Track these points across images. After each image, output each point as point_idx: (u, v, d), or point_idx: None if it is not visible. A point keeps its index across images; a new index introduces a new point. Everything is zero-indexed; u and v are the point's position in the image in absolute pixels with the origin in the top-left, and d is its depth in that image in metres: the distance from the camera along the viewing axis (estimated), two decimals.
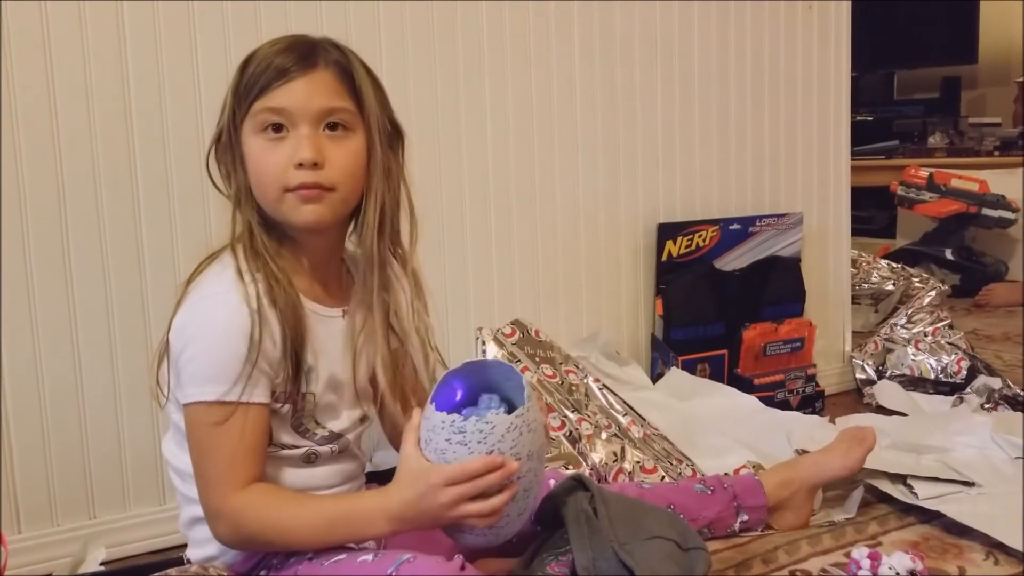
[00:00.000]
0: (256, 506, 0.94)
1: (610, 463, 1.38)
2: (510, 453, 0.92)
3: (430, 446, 0.93)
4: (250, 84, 0.95)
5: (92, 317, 1.29)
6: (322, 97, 0.95)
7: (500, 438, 0.91)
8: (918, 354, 1.99)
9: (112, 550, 1.27)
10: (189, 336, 0.93)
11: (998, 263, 3.26)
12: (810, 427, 1.66)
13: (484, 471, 0.90)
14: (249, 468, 0.94)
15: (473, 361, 1.01)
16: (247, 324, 0.92)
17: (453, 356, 1.58)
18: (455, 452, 0.91)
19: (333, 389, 1.02)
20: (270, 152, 0.95)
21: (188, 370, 0.93)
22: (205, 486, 0.95)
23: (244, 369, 0.92)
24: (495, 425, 0.91)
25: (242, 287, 0.93)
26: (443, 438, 0.92)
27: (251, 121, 0.96)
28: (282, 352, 0.95)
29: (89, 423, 1.30)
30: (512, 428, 0.92)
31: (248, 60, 0.97)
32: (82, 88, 1.26)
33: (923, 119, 4.14)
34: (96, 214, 1.28)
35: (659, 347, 1.83)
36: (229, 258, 0.97)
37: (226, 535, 0.95)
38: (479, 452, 0.91)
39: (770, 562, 1.20)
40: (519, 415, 0.93)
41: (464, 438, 0.91)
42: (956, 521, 1.27)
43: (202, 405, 0.93)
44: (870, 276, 2.50)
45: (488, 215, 1.64)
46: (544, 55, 1.67)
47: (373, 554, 0.92)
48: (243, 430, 0.93)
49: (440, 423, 0.92)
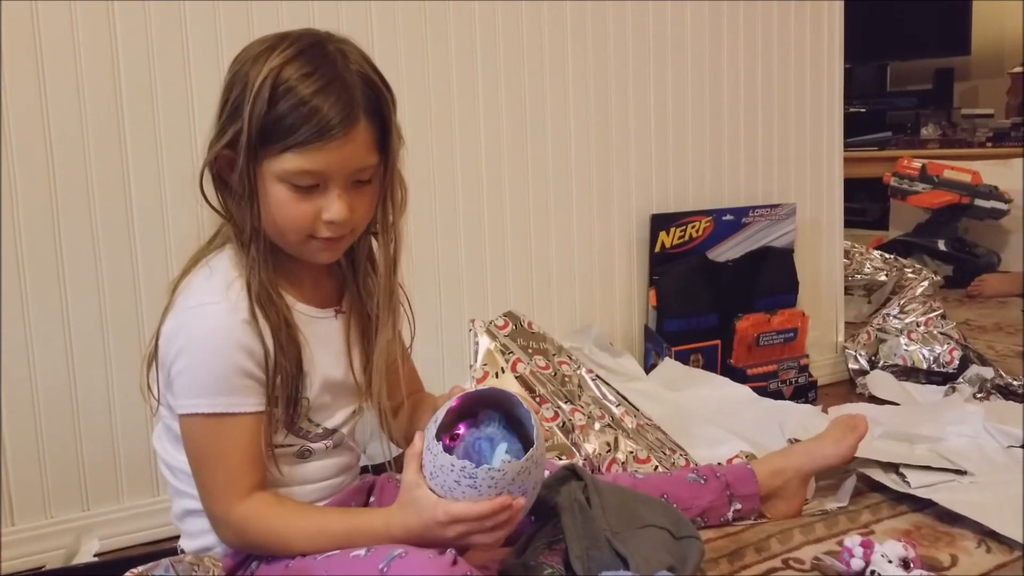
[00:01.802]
0: (260, 517, 0.94)
1: (603, 453, 1.38)
2: (517, 492, 0.92)
3: (436, 480, 0.92)
4: (283, 129, 0.89)
5: (85, 310, 1.28)
6: (359, 158, 0.93)
7: (511, 482, 0.91)
8: (911, 344, 2.00)
9: (105, 542, 1.27)
10: (179, 347, 0.92)
11: (990, 254, 3.27)
12: (803, 416, 1.66)
13: (494, 512, 0.90)
14: (251, 476, 0.94)
15: (471, 392, 0.98)
16: (238, 335, 0.91)
17: (447, 348, 1.59)
18: (463, 493, 0.90)
19: (328, 390, 1.02)
20: (297, 204, 0.92)
21: (180, 381, 0.93)
22: (207, 495, 0.95)
23: (237, 380, 0.91)
24: (506, 472, 0.90)
25: (231, 296, 0.92)
26: (452, 479, 0.90)
27: (276, 168, 0.91)
28: (275, 360, 0.94)
29: (82, 415, 1.30)
30: (523, 471, 0.92)
31: (277, 92, 0.89)
32: (73, 89, 1.25)
33: (916, 110, 4.14)
34: (88, 210, 1.28)
35: (652, 338, 1.83)
36: (217, 263, 0.96)
37: (231, 541, 0.95)
38: (488, 495, 0.90)
39: (763, 551, 1.20)
40: (529, 457, 0.92)
41: (475, 483, 0.90)
42: (948, 509, 1.28)
43: (197, 417, 0.92)
44: (863, 267, 2.50)
45: (481, 207, 1.64)
46: (537, 47, 1.67)
47: (365, 549, 0.92)
48: (241, 439, 0.93)
49: (449, 465, 0.90)
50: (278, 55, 0.90)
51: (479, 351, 1.47)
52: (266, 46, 0.92)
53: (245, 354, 0.92)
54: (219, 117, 0.94)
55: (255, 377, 0.93)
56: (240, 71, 0.92)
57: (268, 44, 0.93)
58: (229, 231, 0.97)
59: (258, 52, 0.92)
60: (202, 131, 1.31)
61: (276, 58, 0.90)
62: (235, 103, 0.91)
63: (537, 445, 0.93)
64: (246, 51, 0.94)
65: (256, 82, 0.89)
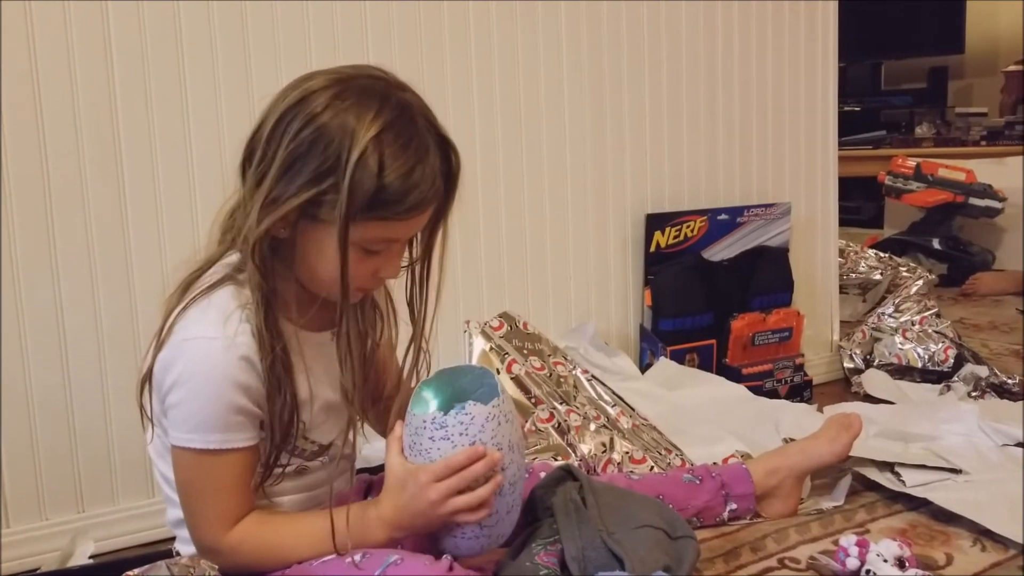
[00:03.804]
0: (251, 538, 0.94)
1: (599, 454, 1.38)
2: (491, 444, 0.95)
3: (414, 450, 0.96)
4: (383, 201, 0.87)
5: (79, 312, 1.28)
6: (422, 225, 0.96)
7: (480, 428, 0.94)
8: (905, 343, 2.00)
9: (101, 543, 1.27)
10: (175, 379, 0.90)
11: (985, 252, 3.27)
12: (798, 415, 1.66)
13: (468, 462, 0.93)
14: (240, 506, 0.94)
15: (445, 370, 1.03)
16: (234, 372, 0.90)
17: (442, 350, 1.58)
18: (439, 449, 0.94)
19: (325, 411, 1.01)
20: (361, 264, 0.92)
21: (174, 414, 0.92)
22: (196, 524, 0.95)
23: (231, 418, 0.91)
24: (474, 416, 0.94)
25: (228, 331, 0.90)
26: (426, 437, 0.94)
27: (358, 234, 0.88)
28: (272, 395, 0.93)
29: (77, 416, 1.29)
30: (491, 418, 0.95)
31: (383, 164, 0.86)
32: (68, 93, 1.25)
33: (910, 109, 4.15)
34: (83, 213, 1.27)
35: (647, 337, 1.84)
36: (216, 298, 0.92)
37: (225, 566, 0.94)
38: (462, 445, 0.94)
39: (759, 550, 1.21)
40: (495, 405, 0.96)
41: (446, 432, 0.94)
42: (943, 508, 1.28)
43: (190, 451, 0.92)
44: (858, 266, 2.50)
45: (476, 207, 1.64)
46: (532, 47, 1.67)
47: (361, 555, 0.92)
48: (232, 473, 0.93)
49: (422, 424, 0.95)
50: (373, 123, 0.86)
51: (474, 352, 1.47)
52: (349, 105, 0.87)
53: (240, 391, 0.90)
54: (280, 171, 0.87)
55: (250, 413, 0.92)
56: (321, 132, 0.86)
57: (351, 103, 0.87)
58: (236, 263, 0.94)
59: (342, 113, 0.87)
60: (197, 139, 1.33)
61: (372, 126, 0.86)
62: (323, 167, 0.86)
63: (504, 398, 0.97)
64: (308, 102, 0.88)
65: (356, 152, 0.85)
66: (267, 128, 0.89)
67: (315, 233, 0.90)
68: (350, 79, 0.90)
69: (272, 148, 0.88)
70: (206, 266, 0.95)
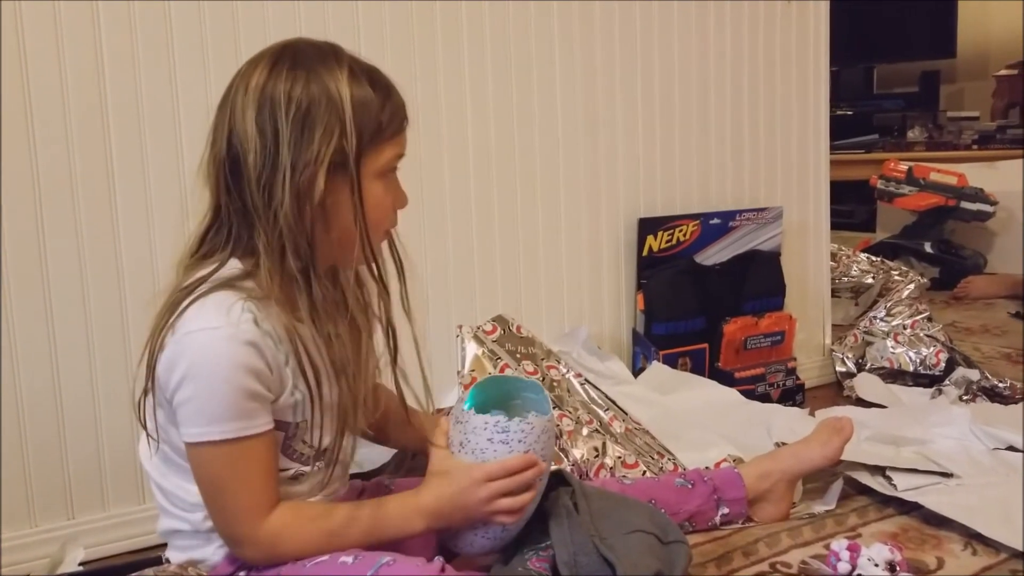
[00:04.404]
0: (292, 527, 0.93)
1: (591, 459, 1.38)
2: (541, 454, 1.01)
3: (466, 448, 1.00)
4: (385, 121, 0.94)
5: (69, 317, 1.28)
6: None
7: (536, 438, 1.00)
8: (897, 347, 2.00)
9: (91, 550, 1.26)
10: (182, 374, 0.89)
11: (977, 256, 3.28)
12: (790, 419, 1.66)
13: (523, 468, 0.98)
14: (272, 491, 0.94)
15: (497, 376, 1.11)
16: (242, 357, 0.89)
17: (434, 355, 1.57)
18: (496, 451, 0.99)
19: (322, 410, 1.00)
20: (386, 197, 0.97)
21: (186, 410, 0.90)
22: (230, 518, 0.93)
23: (246, 403, 0.90)
24: (534, 426, 1.00)
25: (232, 318, 0.89)
26: (484, 438, 0.99)
27: (377, 164, 0.95)
28: (282, 383, 0.93)
29: (67, 423, 1.29)
30: (546, 431, 1.02)
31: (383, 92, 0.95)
32: (58, 94, 1.24)
33: (902, 113, 4.16)
34: (73, 217, 1.27)
35: (640, 342, 1.84)
36: (215, 297, 0.91)
37: (257, 558, 0.94)
38: (519, 451, 0.99)
39: (751, 555, 1.21)
40: (550, 419, 1.03)
41: (507, 437, 0.99)
42: (935, 512, 1.28)
43: (209, 445, 0.90)
44: (850, 269, 2.50)
45: (469, 211, 1.64)
46: (524, 50, 1.67)
47: (353, 556, 0.92)
48: (259, 459, 0.92)
49: (482, 425, 1.00)
50: (340, 68, 0.92)
51: (466, 357, 1.46)
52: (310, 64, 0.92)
53: (252, 376, 0.90)
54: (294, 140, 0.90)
55: (263, 398, 0.91)
56: (307, 91, 0.90)
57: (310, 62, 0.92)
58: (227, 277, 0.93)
59: (310, 72, 0.91)
60: (188, 135, 1.32)
61: (343, 69, 0.92)
62: (328, 119, 0.90)
63: (553, 415, 1.04)
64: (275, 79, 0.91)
65: (345, 91, 0.91)
66: (247, 119, 0.90)
67: (343, 181, 0.92)
68: (284, 49, 0.94)
69: (269, 126, 0.90)
70: (195, 284, 0.92)
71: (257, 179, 0.90)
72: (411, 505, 0.98)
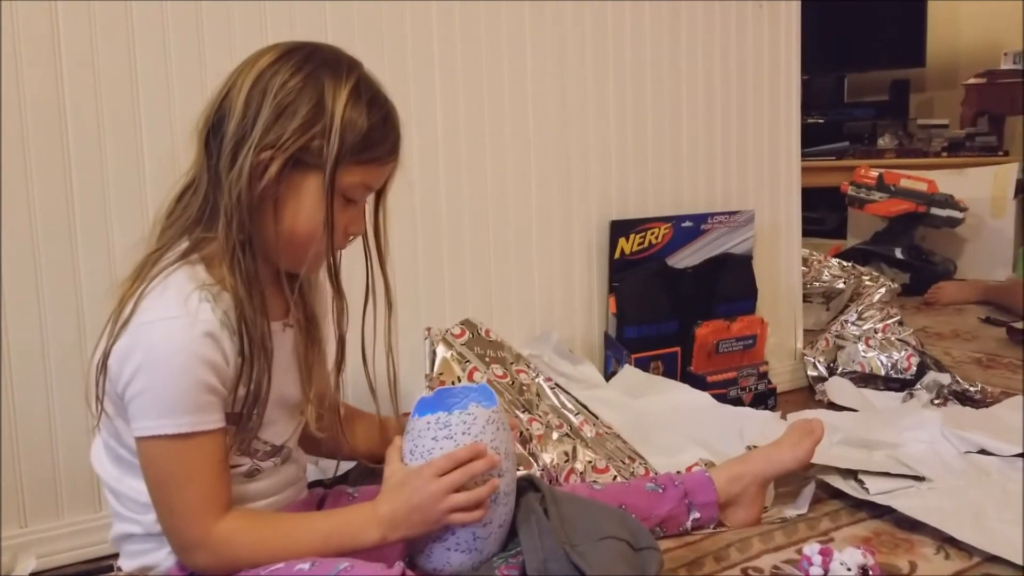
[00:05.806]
0: (244, 531, 0.91)
1: (561, 463, 1.36)
2: (491, 446, 0.99)
3: (415, 454, 0.99)
4: (370, 142, 0.94)
5: (23, 323, 1.24)
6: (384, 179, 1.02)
7: (482, 429, 0.99)
8: (868, 351, 2.01)
9: (44, 560, 1.23)
10: (136, 365, 0.87)
11: (947, 262, 3.31)
12: (762, 423, 1.65)
13: (470, 457, 0.96)
14: (225, 492, 0.91)
15: (443, 388, 1.09)
16: (200, 349, 0.87)
17: (402, 358, 1.55)
18: (442, 448, 0.98)
19: (280, 405, 0.99)
20: (341, 214, 0.96)
21: (139, 402, 0.87)
22: (178, 520, 0.90)
23: (202, 397, 0.88)
24: (476, 416, 0.99)
25: (190, 308, 0.88)
26: (429, 438, 0.98)
27: (343, 180, 0.94)
28: (241, 375, 0.91)
29: (20, 429, 1.25)
30: (491, 421, 1.00)
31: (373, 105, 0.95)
32: (15, 91, 1.21)
33: (873, 121, 4.20)
34: (28, 217, 1.23)
35: (612, 345, 1.82)
36: (173, 279, 0.91)
37: (209, 564, 0.91)
38: (464, 443, 0.98)
39: (722, 560, 1.19)
40: (495, 410, 1.02)
41: (450, 431, 0.98)
42: (907, 516, 1.27)
43: (160, 439, 0.87)
44: (821, 274, 2.51)
45: (439, 213, 1.62)
46: (495, 52, 1.65)
47: (311, 563, 0.89)
48: (211, 457, 0.89)
49: (425, 426, 0.99)
50: (349, 76, 0.94)
51: (435, 360, 1.44)
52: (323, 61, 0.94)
53: (208, 368, 0.88)
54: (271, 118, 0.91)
55: (218, 392, 0.90)
56: (307, 81, 0.92)
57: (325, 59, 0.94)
58: (186, 248, 0.93)
59: (320, 67, 0.93)
60: (149, 130, 1.29)
61: (350, 77, 0.94)
62: (312, 113, 0.91)
63: (501, 407, 1.03)
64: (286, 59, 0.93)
65: (342, 96, 0.92)
66: (243, 90, 0.92)
67: (301, 181, 0.93)
68: (304, 46, 0.96)
69: (255, 102, 0.91)
70: (157, 253, 0.94)
71: (229, 142, 0.91)
72: (366, 514, 0.96)
